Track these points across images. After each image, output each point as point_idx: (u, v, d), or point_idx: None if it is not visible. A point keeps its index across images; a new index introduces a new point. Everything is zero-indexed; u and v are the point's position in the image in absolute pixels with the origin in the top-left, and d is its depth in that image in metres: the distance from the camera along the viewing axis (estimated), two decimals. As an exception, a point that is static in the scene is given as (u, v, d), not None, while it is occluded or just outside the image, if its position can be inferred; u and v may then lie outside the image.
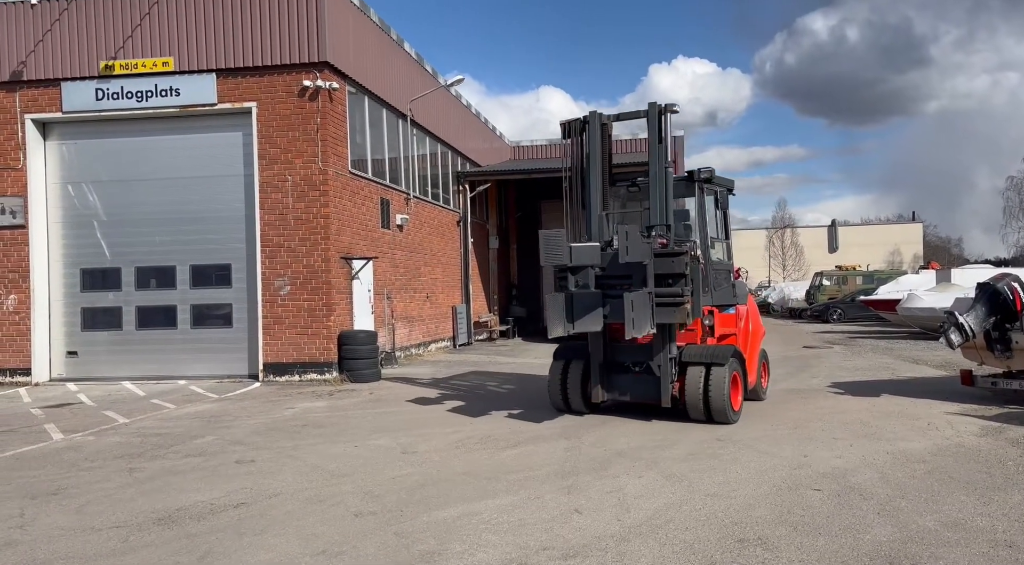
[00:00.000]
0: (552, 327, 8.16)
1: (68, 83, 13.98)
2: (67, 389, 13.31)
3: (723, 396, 8.30)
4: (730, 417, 8.43)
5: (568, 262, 8.12)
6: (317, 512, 5.57)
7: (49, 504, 5.98)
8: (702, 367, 8.46)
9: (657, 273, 8.24)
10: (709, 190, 9.31)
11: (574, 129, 9.23)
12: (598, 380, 8.94)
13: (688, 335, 9.08)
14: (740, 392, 8.82)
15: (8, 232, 14.17)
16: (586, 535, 4.91)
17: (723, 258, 9.70)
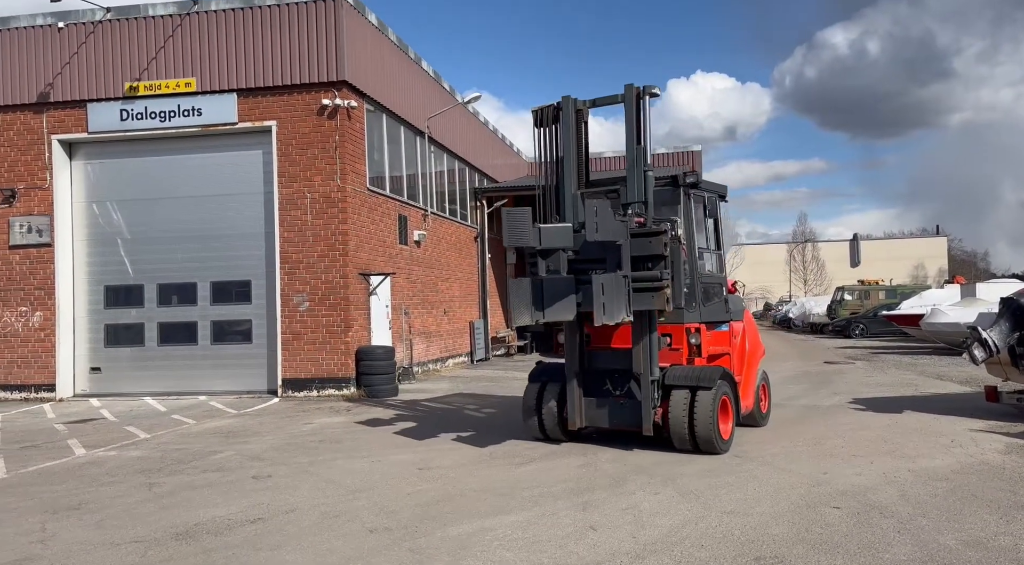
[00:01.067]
0: (517, 316, 7.46)
1: (94, 104, 14.29)
2: (90, 405, 13.49)
3: (710, 423, 7.52)
4: (718, 447, 7.64)
5: (536, 244, 7.36)
6: (332, 527, 5.60)
7: (70, 518, 6.06)
8: (687, 391, 7.67)
9: (634, 255, 7.51)
10: (696, 196, 8.56)
11: (546, 117, 8.47)
12: (575, 405, 8.12)
13: (673, 355, 8.15)
14: (731, 418, 8.03)
15: (35, 250, 14.46)
16: (600, 552, 4.88)
17: (714, 270, 9.01)
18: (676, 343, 8.13)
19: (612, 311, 7.13)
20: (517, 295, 7.49)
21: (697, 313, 8.26)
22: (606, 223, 7.27)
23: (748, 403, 8.89)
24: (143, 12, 14.17)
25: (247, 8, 13.79)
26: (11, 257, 14.50)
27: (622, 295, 7.26)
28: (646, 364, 7.71)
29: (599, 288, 7.11)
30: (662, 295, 7.38)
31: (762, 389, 9.56)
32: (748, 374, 9.06)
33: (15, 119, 14.57)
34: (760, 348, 9.74)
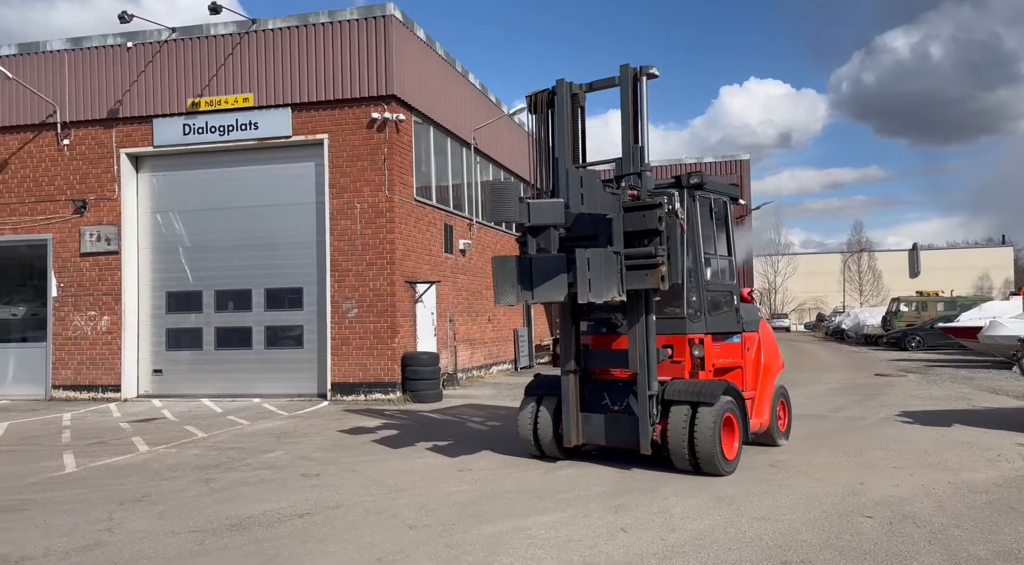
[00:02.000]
0: (501, 294, 7.09)
1: (159, 119, 15.06)
2: (152, 405, 14.18)
3: (711, 442, 6.95)
4: (721, 468, 7.08)
5: (525, 220, 6.95)
6: (375, 523, 5.88)
7: (134, 509, 6.49)
8: (688, 406, 7.13)
9: (628, 231, 7.10)
10: (702, 198, 8.01)
11: (541, 103, 8.03)
12: (571, 420, 7.66)
13: (674, 368, 7.62)
14: (737, 437, 7.43)
15: (103, 258, 15.28)
16: (629, 553, 5.04)
17: (723, 278, 8.38)
18: (678, 355, 7.63)
19: (599, 289, 6.68)
20: (501, 273, 7.10)
21: (702, 323, 7.76)
22: (593, 194, 6.78)
23: (763, 419, 8.43)
24: (205, 32, 14.89)
25: (301, 26, 14.38)
26: (82, 264, 15.36)
27: (613, 272, 6.83)
28: (643, 392, 7.19)
29: (584, 263, 6.67)
30: (656, 273, 6.93)
31: (780, 405, 8.98)
32: (763, 389, 8.56)
33: (87, 134, 15.45)
34: (778, 361, 9.15)
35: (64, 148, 15.41)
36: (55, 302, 15.39)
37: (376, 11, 14.09)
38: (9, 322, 16.18)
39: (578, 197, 6.67)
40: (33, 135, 15.63)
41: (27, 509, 6.53)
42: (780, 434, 8.89)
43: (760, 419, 8.39)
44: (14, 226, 15.67)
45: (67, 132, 15.42)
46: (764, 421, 8.46)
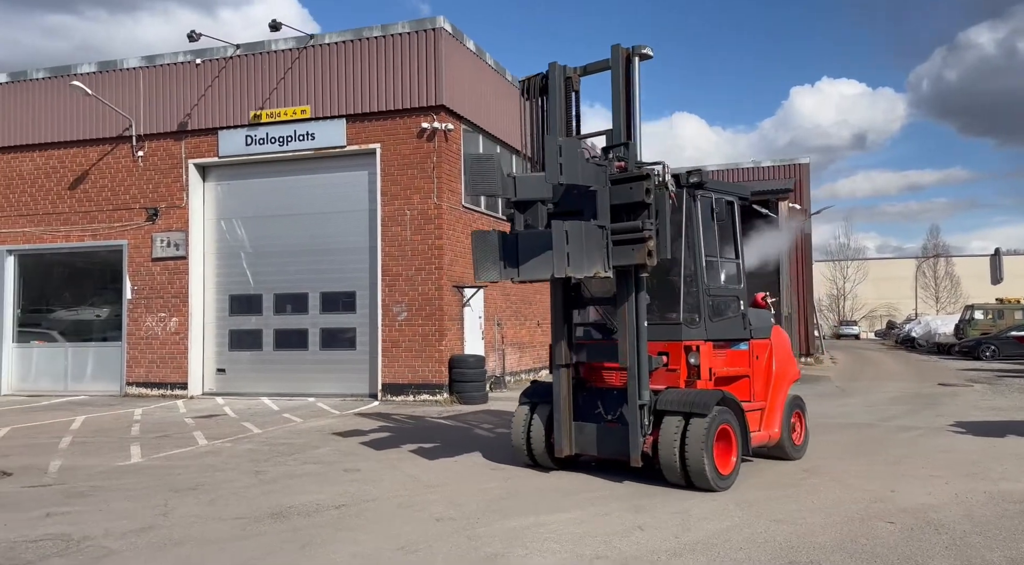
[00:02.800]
0: (482, 271, 6.84)
1: (223, 131, 15.89)
2: (215, 402, 14.94)
3: (702, 455, 6.60)
4: (714, 483, 6.68)
5: (511, 195, 6.75)
6: (405, 516, 6.19)
7: (188, 497, 6.98)
8: (680, 417, 6.79)
9: (615, 204, 6.80)
10: (703, 198, 7.61)
11: (534, 88, 7.78)
12: (563, 429, 7.39)
13: (669, 376, 7.28)
14: (734, 451, 7.04)
15: (172, 262, 16.20)
16: (641, 548, 5.20)
17: (729, 281, 8.02)
18: (673, 363, 7.26)
19: (579, 263, 6.38)
20: (483, 249, 6.80)
21: (701, 329, 7.36)
22: (574, 164, 6.46)
23: (772, 432, 8.01)
24: (267, 47, 15.65)
25: (356, 40, 14.96)
26: (153, 268, 16.31)
27: (596, 247, 6.52)
28: (634, 401, 6.87)
29: (561, 236, 6.30)
30: (643, 248, 6.58)
31: (795, 417, 8.48)
32: (774, 399, 8.13)
33: (159, 146, 16.42)
34: (792, 370, 8.63)
35: (139, 159, 16.41)
36: (129, 304, 16.38)
37: (427, 24, 14.55)
38: (92, 322, 17.31)
39: (556, 167, 6.34)
40: (111, 148, 16.71)
41: (94, 495, 7.10)
42: (794, 447, 8.34)
43: (770, 431, 7.97)
44: (94, 233, 16.76)
45: (141, 144, 16.43)
46: (774, 433, 8.01)
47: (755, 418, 7.80)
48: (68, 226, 16.88)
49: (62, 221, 16.93)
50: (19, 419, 12.68)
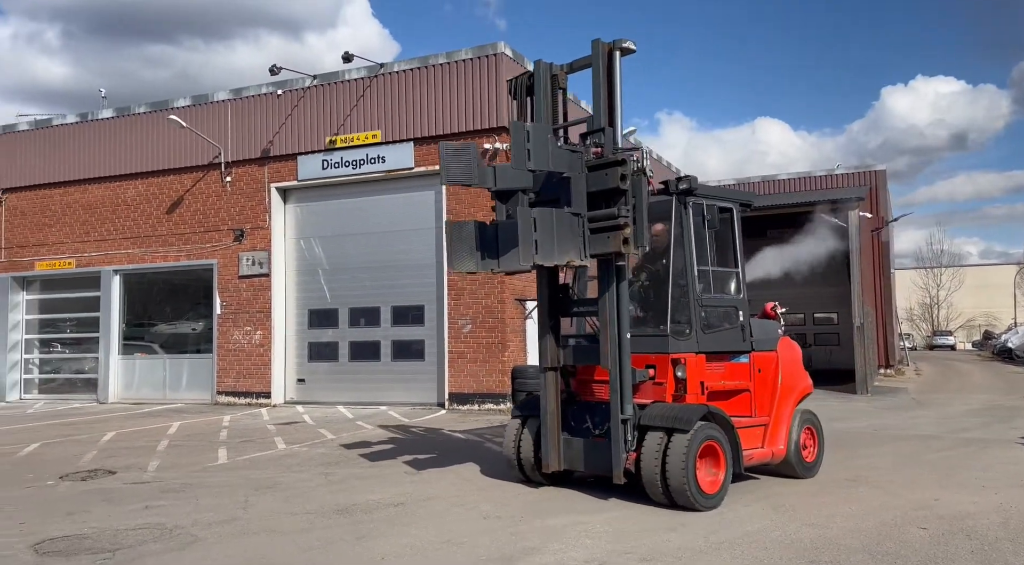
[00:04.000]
0: (457, 262, 6.72)
1: (302, 156, 17.02)
2: (295, 410, 15.96)
3: (683, 473, 6.33)
4: (696, 501, 6.40)
5: (489, 184, 6.64)
6: (456, 514, 6.72)
7: (266, 494, 7.73)
8: (663, 433, 6.55)
9: (592, 191, 6.62)
10: (695, 205, 7.35)
11: (520, 88, 7.63)
12: (551, 443, 7.18)
13: (656, 390, 7.07)
14: (723, 469, 6.72)
15: (257, 279, 17.41)
16: (670, 546, 5.55)
17: (724, 291, 7.75)
18: (660, 376, 7.04)
19: (548, 251, 6.22)
20: (458, 239, 6.69)
21: (692, 341, 7.10)
22: (543, 150, 6.30)
23: (777, 448, 7.62)
24: (341, 77, 16.70)
25: (422, 67, 15.80)
26: (240, 285, 17.57)
27: (570, 235, 6.40)
28: (616, 414, 6.65)
29: (528, 223, 6.09)
30: (617, 236, 6.40)
31: (807, 433, 8.06)
32: (779, 414, 7.75)
33: (245, 172, 17.72)
34: (802, 384, 8.19)
35: (227, 184, 17.75)
36: (219, 319, 17.69)
37: (488, 50, 15.24)
38: (187, 336, 18.76)
39: (524, 153, 6.20)
40: (202, 174, 18.13)
41: (185, 491, 7.95)
42: (805, 466, 7.91)
43: (774, 447, 7.60)
44: (188, 253, 18.21)
45: (229, 170, 17.76)
46: (779, 450, 7.63)
47: (756, 434, 7.54)
48: (166, 247, 18.40)
49: (160, 242, 18.46)
50: (123, 425, 13.97)
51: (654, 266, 7.65)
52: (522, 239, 6.13)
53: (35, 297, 20.31)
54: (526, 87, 7.57)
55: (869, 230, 25.14)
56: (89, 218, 19.22)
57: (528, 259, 6.19)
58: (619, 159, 6.53)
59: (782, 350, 8.07)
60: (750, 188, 28.72)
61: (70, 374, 19.94)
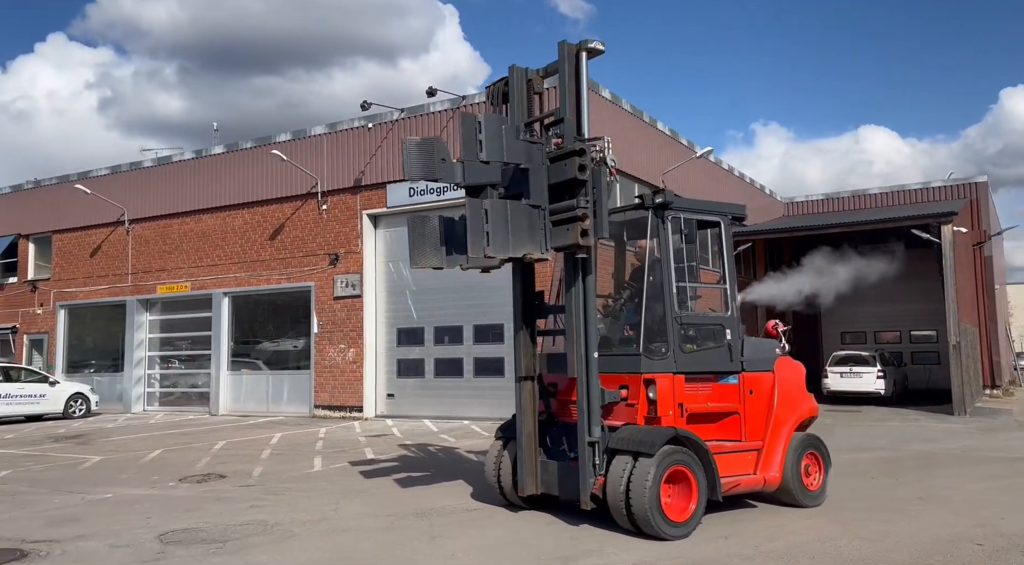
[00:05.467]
0: (420, 257, 6.58)
1: (390, 185, 18.14)
2: (385, 424, 16.93)
3: (646, 500, 6.05)
4: (661, 530, 6.13)
5: (458, 179, 6.49)
6: (525, 518, 7.26)
7: (354, 498, 8.52)
8: (630, 457, 6.30)
9: (554, 183, 6.48)
10: (673, 218, 7.07)
11: (497, 94, 7.49)
12: (528, 466, 6.98)
13: (628, 412, 6.77)
14: (694, 497, 6.38)
15: (350, 300, 18.61)
16: (720, 552, 5.91)
17: (708, 308, 7.55)
18: (633, 397, 6.74)
19: (502, 242, 6.11)
20: (421, 234, 6.56)
21: (670, 360, 6.76)
22: (495, 141, 6.22)
23: (770, 475, 7.16)
24: (425, 110, 17.75)
25: (501, 98, 16.60)
26: (334, 306, 18.82)
27: (527, 227, 6.29)
28: (582, 437, 6.43)
29: (479, 214, 5.97)
30: (576, 228, 6.23)
31: (810, 459, 7.56)
32: (773, 438, 7.28)
33: (339, 200, 19.02)
34: (803, 406, 7.68)
35: (323, 212, 19.10)
36: (316, 337, 18.98)
37: (563, 78, 15.85)
38: (288, 353, 20.19)
39: (476, 144, 6.18)
40: (301, 203, 19.57)
41: (285, 493, 8.86)
42: (807, 494, 7.43)
43: (766, 474, 7.15)
44: (288, 276, 19.66)
45: (325, 199, 19.11)
46: (773, 477, 7.18)
47: (746, 460, 7.14)
48: (269, 271, 19.93)
49: (264, 267, 20.02)
50: (232, 435, 15.29)
51: (638, 284, 7.42)
52: (471, 230, 6.02)
53: (156, 317, 22.35)
54: (502, 93, 7.43)
55: (970, 244, 24.07)
56: (202, 245, 21.05)
57: (478, 251, 6.08)
58: (576, 149, 6.37)
59: (780, 371, 7.59)
60: (839, 204, 28.05)
61: (186, 388, 21.80)
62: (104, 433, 16.07)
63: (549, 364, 7.32)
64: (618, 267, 8.28)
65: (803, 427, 7.73)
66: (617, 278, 8.12)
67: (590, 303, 6.62)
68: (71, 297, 23.41)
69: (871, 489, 8.43)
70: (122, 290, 22.30)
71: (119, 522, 7.41)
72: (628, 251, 8.48)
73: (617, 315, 7.61)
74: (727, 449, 7.01)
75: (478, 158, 6.35)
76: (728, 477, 6.77)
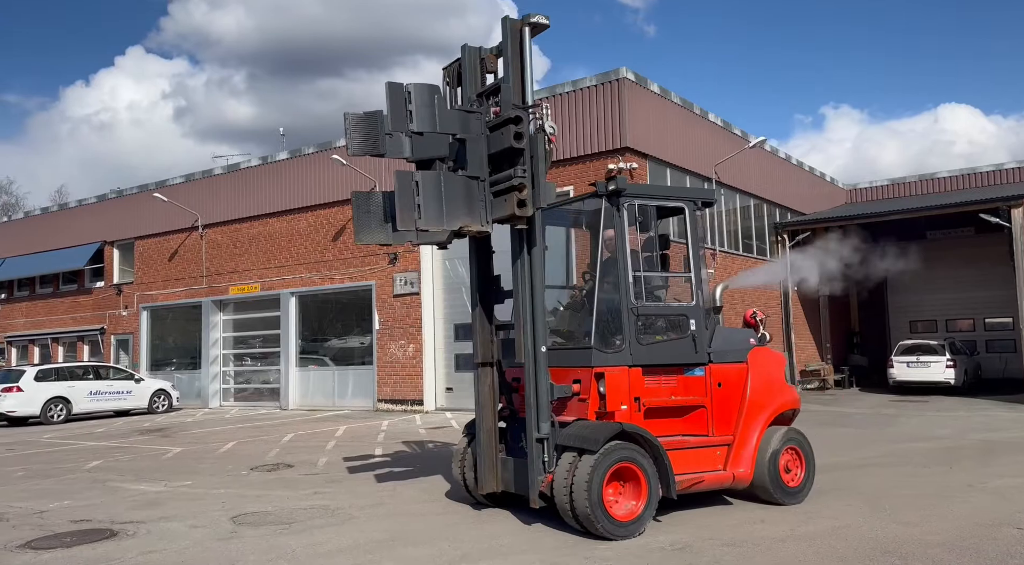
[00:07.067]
0: (365, 234, 6.52)
1: (445, 185, 18.65)
2: (444, 416, 17.49)
3: (587, 497, 5.86)
4: (603, 529, 5.92)
5: (405, 154, 6.28)
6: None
7: (410, 485, 9.00)
8: (576, 454, 6.12)
9: (494, 153, 6.30)
10: (628, 207, 6.72)
11: (453, 75, 7.17)
12: (488, 463, 6.81)
13: (580, 407, 6.57)
14: (643, 496, 6.15)
15: (409, 298, 19.25)
16: (755, 535, 6.11)
17: (670, 298, 7.21)
18: (585, 391, 6.51)
19: (436, 216, 5.95)
20: (366, 211, 6.43)
21: (625, 353, 6.49)
22: (426, 110, 6.06)
23: (740, 471, 6.87)
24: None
25: (550, 96, 16.88)
26: (394, 303, 19.51)
27: (464, 199, 6.15)
28: (530, 432, 6.27)
29: (408, 186, 5.80)
30: (512, 198, 6.08)
31: (791, 455, 7.22)
32: (744, 433, 6.96)
33: (396, 201, 19.65)
34: (780, 399, 7.28)
35: (381, 213, 19.78)
36: (377, 334, 19.72)
37: (611, 76, 16.05)
38: (353, 349, 21.02)
39: (405, 114, 6.01)
40: (361, 205, 20.30)
41: (346, 481, 9.43)
42: (786, 491, 7.08)
43: (735, 470, 6.86)
44: (351, 275, 20.46)
45: (383, 201, 19.79)
46: (744, 474, 6.88)
47: (712, 455, 6.86)
48: (332, 271, 20.77)
49: (327, 267, 20.87)
50: (300, 428, 16.12)
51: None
52: (400, 203, 5.84)
53: (229, 317, 23.57)
54: (457, 74, 7.14)
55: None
56: (270, 247, 22.08)
57: (408, 224, 5.93)
58: (512, 116, 6.13)
59: (754, 362, 7.23)
60: (905, 189, 27.21)
61: (258, 384, 22.94)
62: (184, 427, 17.17)
63: (505, 352, 7.13)
64: (585, 258, 7.98)
65: (786, 421, 7.43)
66: (585, 270, 7.79)
67: (537, 285, 6.39)
68: (152, 299, 24.91)
69: (921, 477, 8.42)
70: (198, 292, 23.61)
71: (197, 506, 8.09)
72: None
73: (578, 308, 7.35)
74: (691, 444, 6.78)
75: (408, 130, 6.17)
76: (689, 473, 6.58)
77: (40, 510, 8.06)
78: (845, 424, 14.30)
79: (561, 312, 7.56)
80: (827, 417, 15.34)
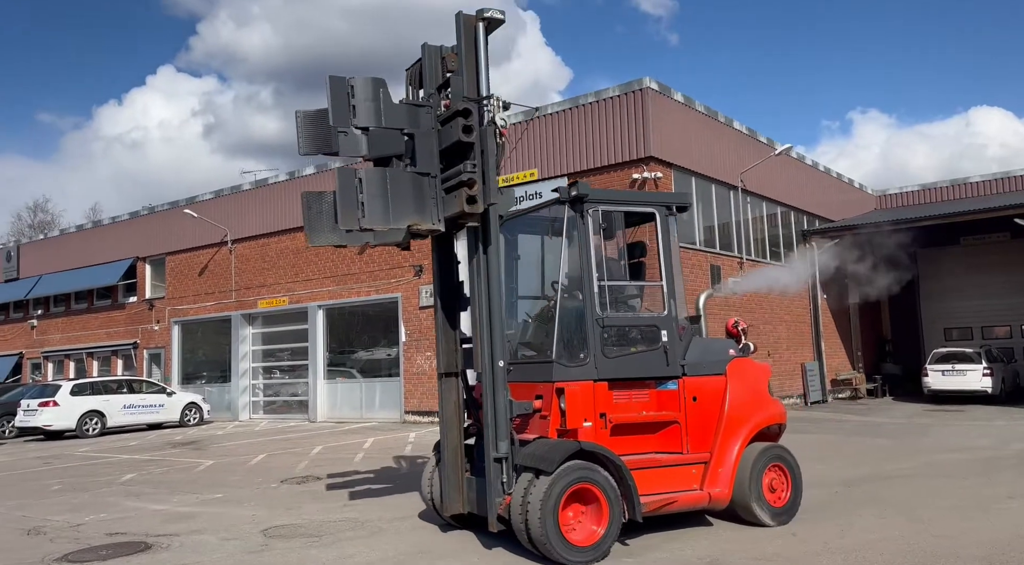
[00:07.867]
0: (316, 235, 6.26)
1: (470, 197, 18.75)
2: (471, 428, 17.48)
3: (541, 521, 5.53)
4: (559, 555, 5.56)
5: (360, 152, 6.06)
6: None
7: (438, 498, 9.02)
8: (533, 474, 5.79)
9: (445, 148, 6.08)
10: (591, 213, 6.42)
11: (415, 76, 6.90)
12: (454, 483, 6.54)
13: (542, 424, 6.27)
14: (605, 519, 5.77)
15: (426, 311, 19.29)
16: (786, 549, 6.02)
17: (640, 309, 6.90)
18: (547, 408, 6.20)
19: (382, 214, 5.70)
20: (318, 212, 6.20)
21: (590, 367, 6.19)
22: (369, 104, 5.89)
23: (717, 490, 6.44)
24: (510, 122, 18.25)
25: (573, 107, 16.94)
26: (420, 315, 19.60)
27: (414, 196, 5.90)
28: (488, 452, 5.94)
29: (350, 184, 5.54)
30: (461, 194, 5.85)
31: (775, 472, 6.76)
32: (722, 451, 6.52)
33: (421, 214, 19.80)
34: (763, 413, 6.83)
35: (407, 226, 19.93)
36: (404, 346, 19.81)
37: (634, 86, 16.06)
38: (380, 361, 21.15)
39: (348, 110, 5.80)
40: (386, 218, 20.48)
41: (375, 494, 9.47)
42: (770, 511, 6.63)
43: (712, 489, 6.43)
44: (377, 288, 20.61)
45: (408, 214, 19.94)
46: (721, 493, 6.45)
47: (687, 474, 6.46)
48: (358, 283, 20.95)
49: (354, 280, 21.06)
50: (328, 440, 16.23)
51: None
52: (342, 201, 5.60)
53: (258, 331, 23.87)
54: (419, 75, 6.85)
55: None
56: (297, 261, 22.34)
57: (351, 223, 5.71)
58: (461, 109, 5.90)
59: (734, 374, 6.78)
60: (936, 195, 26.75)
61: (287, 397, 23.16)
62: (215, 439, 17.39)
63: (467, 359, 6.86)
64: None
65: (771, 437, 7.03)
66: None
67: (495, 292, 6.08)
68: (183, 314, 25.33)
69: (959, 489, 8.24)
70: (227, 306, 23.95)
71: (229, 518, 8.18)
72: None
73: (546, 319, 6.91)
74: (663, 463, 6.38)
75: (351, 125, 5.93)
76: (659, 494, 6.20)
77: (76, 523, 8.21)
78: (878, 434, 14.03)
79: (530, 323, 7.29)
80: (860, 427, 15.08)
